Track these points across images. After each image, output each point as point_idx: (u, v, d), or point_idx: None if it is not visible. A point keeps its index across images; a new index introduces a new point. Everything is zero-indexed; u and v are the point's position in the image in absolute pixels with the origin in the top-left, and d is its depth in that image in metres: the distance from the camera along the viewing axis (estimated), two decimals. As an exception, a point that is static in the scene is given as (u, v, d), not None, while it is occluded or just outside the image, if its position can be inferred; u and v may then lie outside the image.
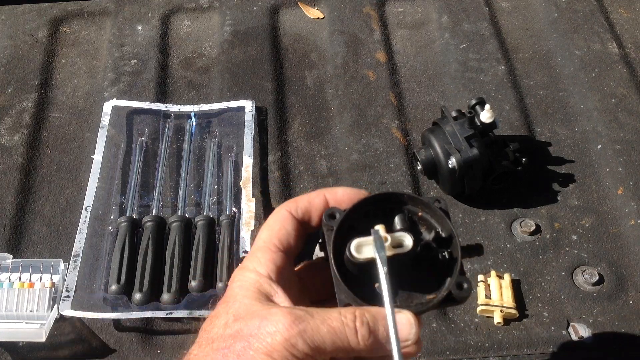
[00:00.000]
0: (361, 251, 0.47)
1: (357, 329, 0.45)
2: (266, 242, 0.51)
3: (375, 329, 0.45)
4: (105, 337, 0.85)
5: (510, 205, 0.97)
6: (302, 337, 0.44)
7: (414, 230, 0.49)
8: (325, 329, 0.44)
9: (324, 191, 0.53)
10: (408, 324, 0.46)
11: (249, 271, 0.50)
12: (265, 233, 0.52)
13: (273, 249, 0.51)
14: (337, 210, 0.50)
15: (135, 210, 0.95)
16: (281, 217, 0.52)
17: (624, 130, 1.05)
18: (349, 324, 0.45)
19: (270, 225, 0.52)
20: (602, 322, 0.86)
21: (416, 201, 0.51)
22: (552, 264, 0.91)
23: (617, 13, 1.23)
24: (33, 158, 1.02)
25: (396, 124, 1.06)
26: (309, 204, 0.52)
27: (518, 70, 1.14)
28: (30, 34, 1.19)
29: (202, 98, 1.10)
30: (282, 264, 0.50)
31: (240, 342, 0.45)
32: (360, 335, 0.45)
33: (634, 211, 0.95)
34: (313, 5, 1.24)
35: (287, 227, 0.51)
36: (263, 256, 0.50)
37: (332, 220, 0.49)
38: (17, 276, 0.86)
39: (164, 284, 0.86)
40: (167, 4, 1.24)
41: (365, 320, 0.45)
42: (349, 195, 0.52)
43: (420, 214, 0.51)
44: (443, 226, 0.50)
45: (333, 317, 0.45)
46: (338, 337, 0.45)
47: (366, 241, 0.47)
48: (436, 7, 1.23)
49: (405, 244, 0.47)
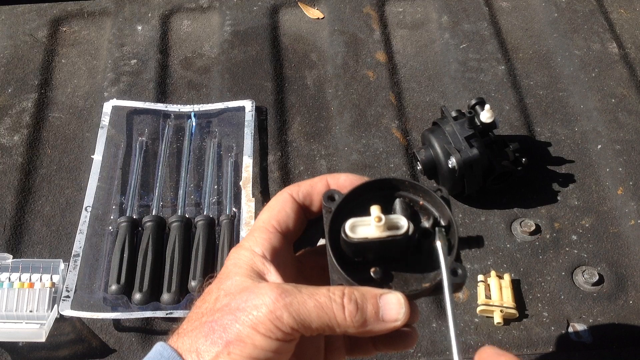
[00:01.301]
0: (356, 231, 0.46)
1: (344, 305, 0.45)
2: (265, 222, 0.51)
3: (363, 306, 0.45)
4: (105, 337, 0.85)
5: (510, 205, 0.97)
6: (288, 310, 0.44)
7: (414, 218, 0.49)
8: (312, 304, 0.44)
9: (326, 176, 0.53)
10: (398, 304, 0.46)
11: (244, 249, 0.50)
12: (265, 214, 0.52)
13: (271, 230, 0.51)
14: (336, 192, 0.50)
15: (135, 210, 0.95)
16: (282, 200, 0.52)
17: (624, 130, 1.05)
18: (336, 299, 0.45)
19: (270, 206, 0.52)
20: (602, 322, 0.86)
21: (417, 188, 0.51)
22: (552, 264, 0.91)
23: (617, 13, 1.23)
24: (33, 158, 1.02)
25: (396, 124, 1.06)
26: (311, 187, 0.52)
27: (518, 70, 1.14)
28: (30, 34, 1.19)
29: (202, 98, 1.10)
30: (279, 245, 0.50)
31: (228, 316, 0.45)
32: (347, 312, 0.45)
33: (634, 211, 0.95)
34: (313, 5, 1.24)
35: (287, 210, 0.51)
36: (260, 236, 0.50)
37: (331, 202, 0.49)
38: (17, 276, 0.86)
39: (163, 284, 0.86)
40: (167, 4, 1.24)
41: (354, 298, 0.45)
42: (351, 180, 0.52)
43: (421, 203, 0.51)
44: (443, 214, 0.50)
45: (321, 292, 0.45)
46: (325, 312, 0.44)
47: (362, 221, 0.47)
48: (436, 7, 1.23)
49: (401, 227, 0.47)
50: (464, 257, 0.92)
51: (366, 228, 0.47)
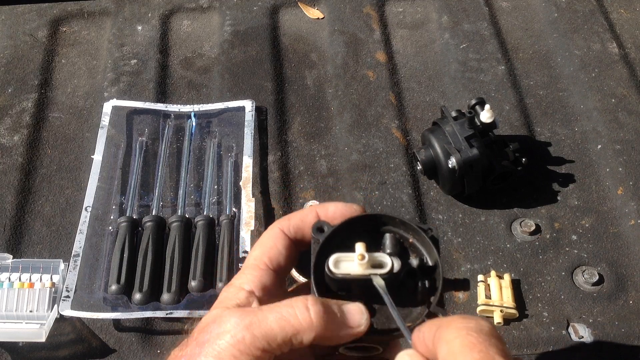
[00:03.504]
0: (339, 266, 0.46)
1: (308, 307, 0.44)
2: (257, 260, 0.51)
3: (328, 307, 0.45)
4: (105, 337, 0.85)
5: (510, 205, 0.97)
6: (250, 331, 0.43)
7: (402, 255, 0.49)
8: (273, 317, 0.44)
9: (315, 207, 0.53)
10: (359, 311, 0.46)
11: (234, 287, 0.50)
12: (257, 251, 0.52)
13: (263, 267, 0.51)
14: (325, 223, 0.49)
15: (135, 210, 0.95)
16: (274, 236, 0.52)
17: (624, 130, 1.05)
18: (299, 305, 0.44)
19: (262, 242, 0.52)
20: (602, 322, 0.86)
21: (407, 226, 0.50)
22: (552, 264, 0.91)
23: (617, 13, 1.23)
24: (33, 158, 1.02)
25: (396, 124, 1.06)
26: (301, 221, 0.52)
27: (518, 70, 1.14)
28: (30, 34, 1.19)
29: (202, 98, 1.10)
30: (270, 282, 0.50)
31: (195, 349, 0.45)
32: (313, 312, 0.44)
33: (634, 211, 0.95)
34: (313, 5, 1.24)
35: (279, 246, 0.51)
36: (251, 273, 0.50)
37: (320, 234, 0.49)
38: (17, 276, 0.86)
39: (163, 284, 0.86)
40: (167, 4, 1.24)
41: (318, 301, 0.45)
42: (341, 211, 0.52)
43: (411, 241, 0.50)
44: (430, 255, 0.49)
45: (282, 304, 0.45)
46: (287, 321, 0.44)
47: (346, 257, 0.46)
48: (436, 7, 1.23)
49: (385, 265, 0.46)
50: (464, 257, 0.92)
51: (349, 264, 0.46)
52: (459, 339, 0.40)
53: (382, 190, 0.98)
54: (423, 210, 0.97)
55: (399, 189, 0.98)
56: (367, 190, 0.98)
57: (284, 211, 0.96)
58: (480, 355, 0.38)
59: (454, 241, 0.93)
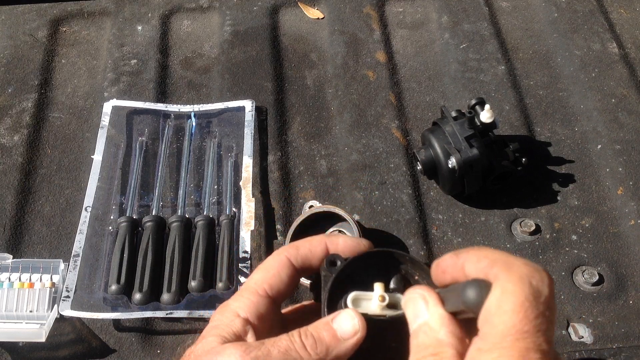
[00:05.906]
0: (358, 305, 0.48)
1: (303, 342, 0.46)
2: (257, 284, 0.51)
3: (319, 336, 0.47)
4: (105, 337, 0.85)
5: (510, 205, 0.97)
6: None
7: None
8: (276, 351, 0.45)
9: (325, 239, 0.53)
10: (350, 318, 0.47)
11: (229, 312, 0.50)
12: (259, 274, 0.52)
13: (262, 293, 0.51)
14: (338, 257, 0.51)
15: (135, 210, 0.95)
16: (279, 263, 0.52)
17: (624, 130, 1.05)
18: (295, 339, 0.46)
19: (266, 268, 0.52)
20: (602, 322, 0.86)
21: (415, 265, 0.51)
22: (552, 264, 0.91)
23: (617, 13, 1.23)
24: (33, 158, 1.02)
25: (396, 124, 1.06)
26: (310, 252, 0.52)
27: (518, 70, 1.14)
28: (30, 34, 1.19)
29: (202, 98, 1.10)
30: (266, 309, 0.51)
31: None
32: (308, 346, 0.46)
33: (634, 211, 0.95)
34: (313, 5, 1.24)
35: (282, 275, 0.52)
36: (248, 298, 0.50)
37: (333, 268, 0.50)
38: (17, 276, 0.86)
39: (163, 284, 0.86)
40: (167, 4, 1.24)
41: (309, 333, 0.47)
42: (350, 246, 0.52)
43: (416, 277, 0.51)
44: None
45: (282, 338, 0.46)
46: (289, 355, 0.45)
47: (364, 296, 0.48)
48: (436, 7, 1.23)
49: (401, 307, 0.48)
50: (464, 257, 0.91)
51: (368, 303, 0.48)
52: (510, 304, 0.40)
53: (382, 190, 0.98)
54: (423, 210, 0.97)
55: (399, 189, 0.98)
56: (367, 190, 0.98)
57: (283, 211, 0.96)
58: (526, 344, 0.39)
59: (454, 241, 0.93)
